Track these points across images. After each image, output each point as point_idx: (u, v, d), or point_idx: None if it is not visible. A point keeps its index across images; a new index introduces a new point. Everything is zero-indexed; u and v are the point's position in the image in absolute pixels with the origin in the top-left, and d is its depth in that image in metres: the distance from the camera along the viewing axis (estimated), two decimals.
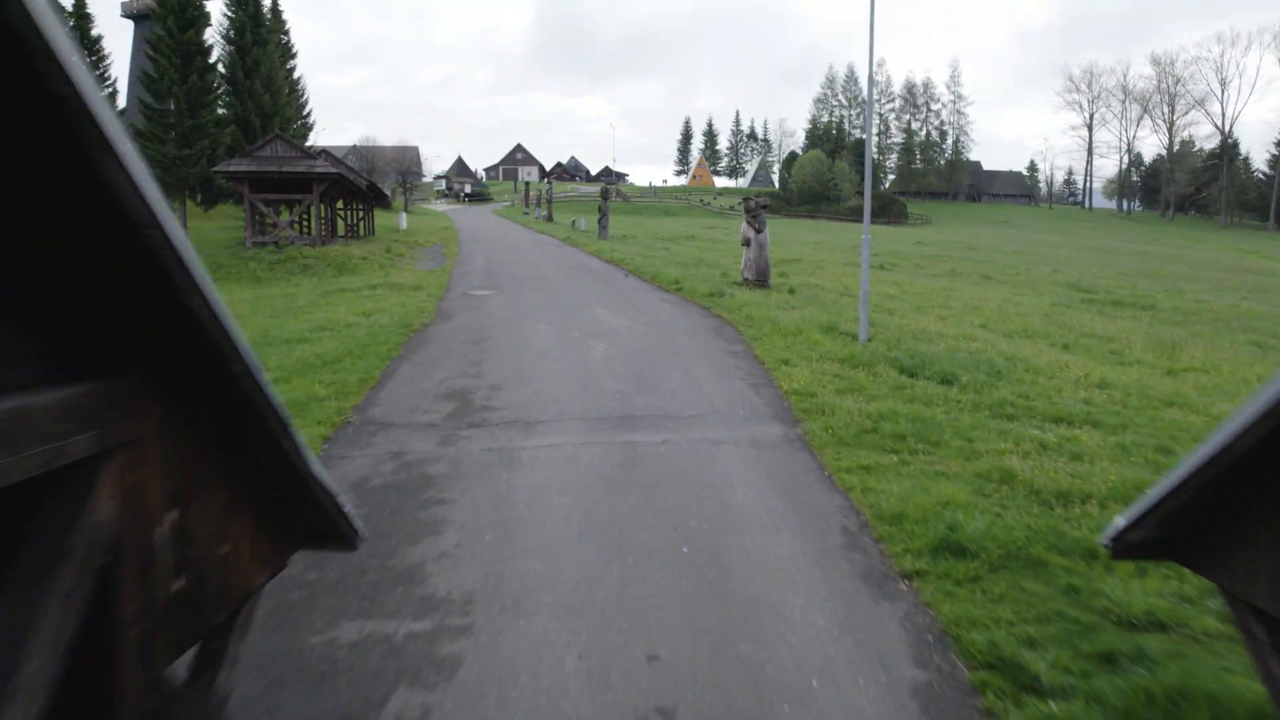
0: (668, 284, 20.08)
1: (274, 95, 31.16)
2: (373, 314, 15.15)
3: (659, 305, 16.92)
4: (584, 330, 13.77)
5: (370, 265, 22.00)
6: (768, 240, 20.58)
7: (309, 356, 11.37)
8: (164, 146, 27.88)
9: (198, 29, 28.47)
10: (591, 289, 19.40)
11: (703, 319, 15.20)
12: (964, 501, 6.38)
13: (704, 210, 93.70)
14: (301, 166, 23.52)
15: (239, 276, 21.30)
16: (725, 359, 11.79)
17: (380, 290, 18.20)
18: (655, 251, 31.55)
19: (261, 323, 15.00)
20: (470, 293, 18.58)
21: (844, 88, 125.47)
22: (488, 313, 15.61)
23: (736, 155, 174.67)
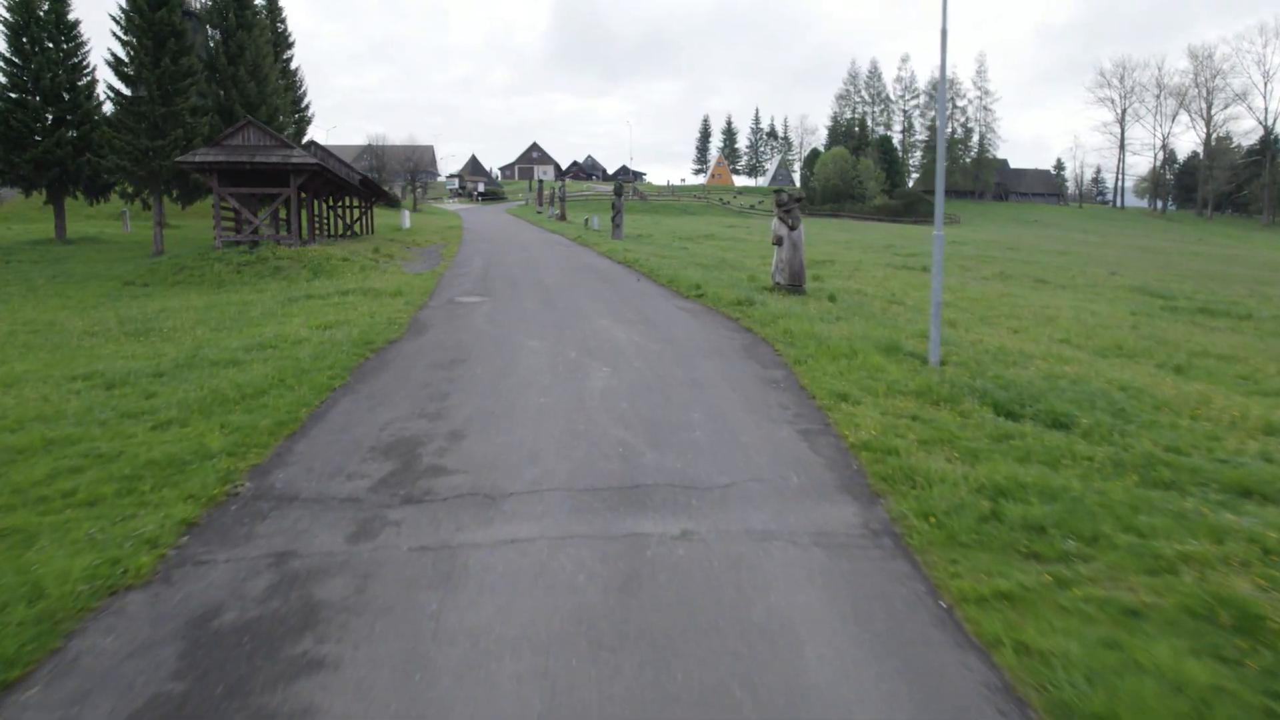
0: (687, 289, 17.43)
1: (260, 83, 28.74)
2: (332, 326, 12.59)
3: (677, 315, 14.27)
4: (584, 348, 11.14)
5: (350, 268, 19.54)
6: (803, 239, 17.87)
7: (227, 387, 8.80)
8: (135, 138, 25.48)
9: (170, 8, 26.07)
10: (598, 295, 16.78)
11: (730, 334, 12.53)
12: (1204, 683, 3.72)
13: (723, 209, 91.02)
14: (276, 156, 21.03)
15: (200, 280, 18.88)
16: (763, 391, 9.12)
17: (353, 297, 15.67)
18: (673, 252, 28.89)
19: (198, 338, 12.49)
20: (458, 299, 16.00)
21: (867, 84, 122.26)
22: (471, 325, 13.01)
23: (756, 153, 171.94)
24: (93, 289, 18.18)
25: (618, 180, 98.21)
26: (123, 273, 19.50)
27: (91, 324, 13.85)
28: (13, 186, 32.31)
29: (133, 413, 8.07)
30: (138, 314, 14.78)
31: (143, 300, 16.82)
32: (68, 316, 14.82)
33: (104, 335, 12.86)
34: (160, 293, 17.86)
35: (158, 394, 8.82)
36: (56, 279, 19.63)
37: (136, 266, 20.00)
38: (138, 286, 18.59)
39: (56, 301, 16.72)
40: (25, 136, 31.51)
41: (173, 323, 13.75)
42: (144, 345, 12.10)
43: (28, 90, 31.47)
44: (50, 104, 31.74)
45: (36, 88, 31.63)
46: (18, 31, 31.47)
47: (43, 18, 32.03)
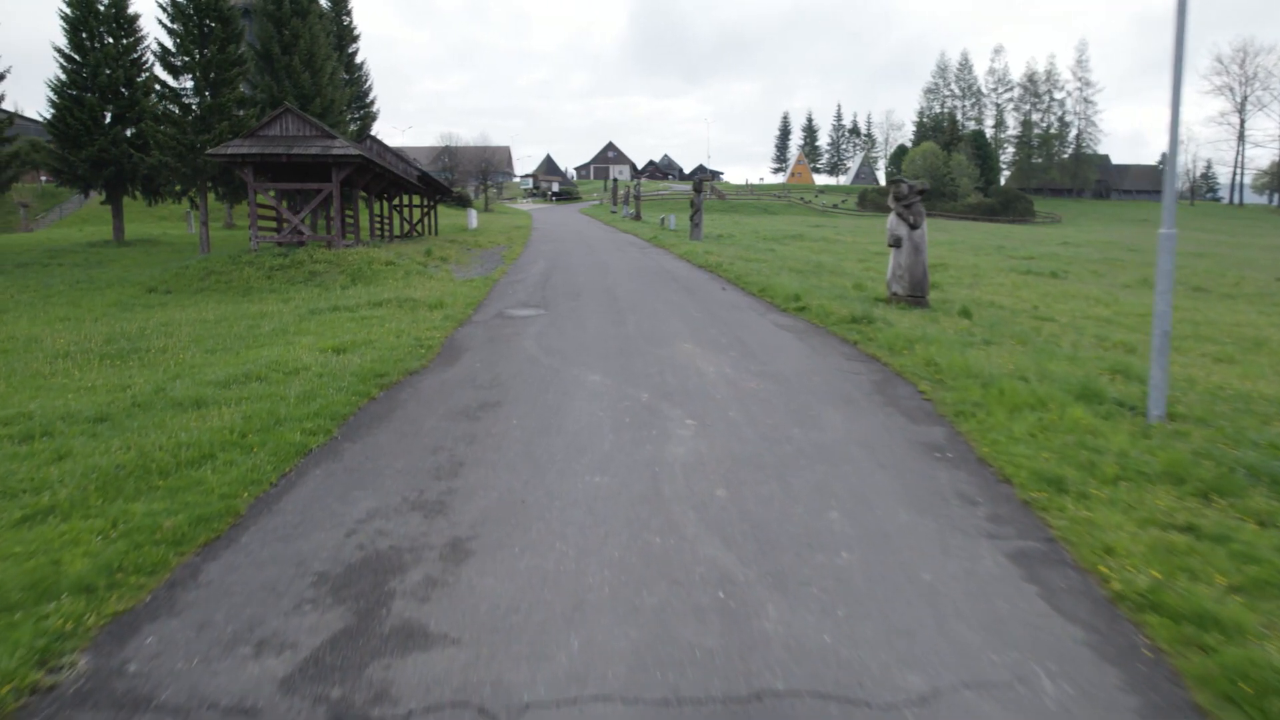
0: (784, 301, 14.46)
1: (315, 74, 26.86)
2: (346, 350, 10.07)
3: (777, 337, 11.31)
4: (660, 387, 8.33)
5: (393, 273, 17.19)
6: (925, 241, 14.67)
7: (164, 447, 6.31)
8: (180, 132, 23.78)
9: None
10: (677, 308, 13.93)
11: (852, 365, 9.53)
12: None
13: (806, 208, 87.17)
14: (316, 147, 18.78)
15: (226, 287, 16.78)
16: (925, 466, 6.15)
17: (385, 310, 13.19)
18: (759, 254, 25.83)
19: (181, 363, 10.14)
20: (508, 313, 13.36)
21: (957, 76, 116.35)
22: (516, 349, 10.32)
23: (838, 151, 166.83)
24: (109, 296, 16.30)
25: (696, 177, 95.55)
26: (149, 278, 17.64)
27: (75, 341, 11.69)
28: (70, 186, 31.37)
29: (14, 489, 5.62)
30: (135, 328, 12.60)
31: (154, 310, 14.78)
32: (58, 331, 12.74)
33: (79, 357, 10.62)
34: (179, 301, 15.84)
35: (72, 454, 6.37)
36: (79, 285, 17.90)
37: (165, 271, 18.12)
38: (160, 293, 16.64)
39: (61, 312, 14.82)
40: (82, 135, 30.43)
41: (165, 341, 11.48)
42: (115, 373, 9.78)
43: (85, 87, 30.40)
44: (108, 101, 30.62)
45: (94, 84, 30.53)
46: (76, 26, 30.43)
47: (102, 11, 30.93)
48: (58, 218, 48.16)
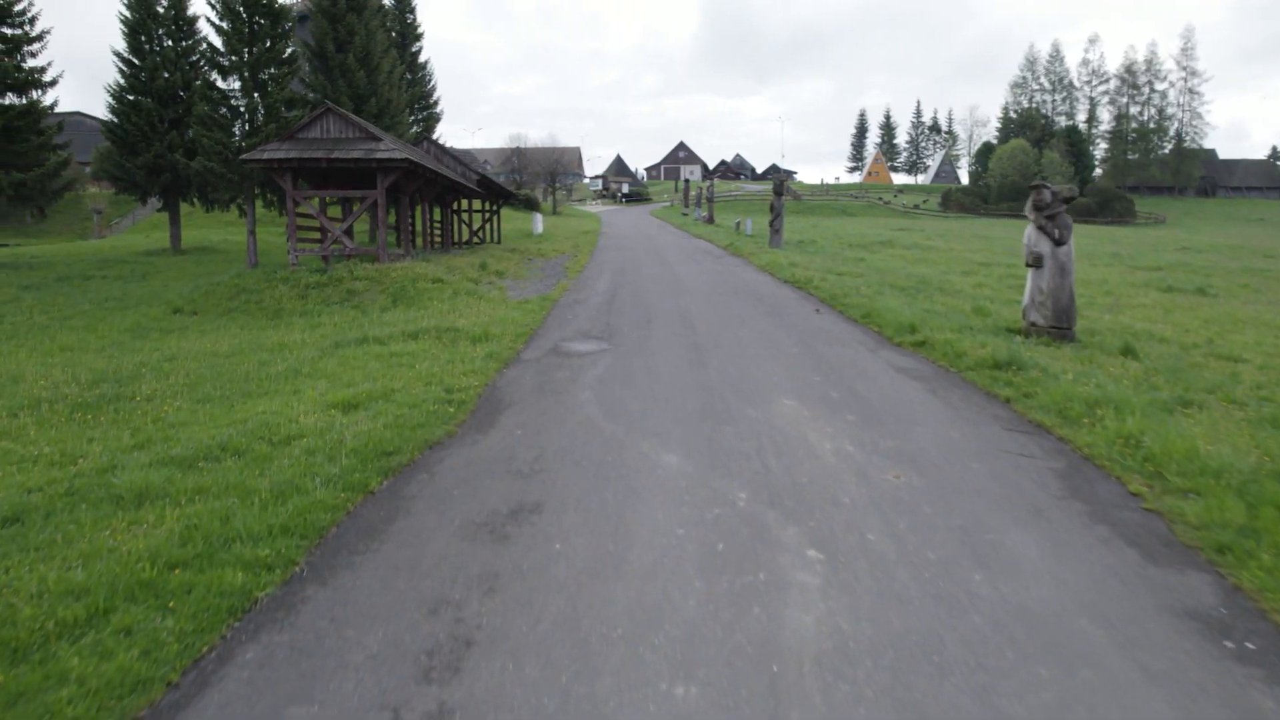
0: (896, 331, 11.98)
1: (371, 72, 25.27)
2: (357, 406, 8.06)
3: (901, 388, 8.87)
4: (761, 481, 6.07)
5: (440, 293, 15.24)
6: (1073, 259, 11.97)
7: (49, 593, 4.36)
8: (226, 135, 22.41)
9: None
10: (768, 340, 11.58)
11: (1019, 442, 7.06)
12: None
13: (885, 209, 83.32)
14: (359, 150, 16.98)
15: (255, 308, 15.07)
16: (1233, 688, 3.67)
17: (421, 343, 11.16)
18: (849, 265, 23.21)
19: (164, 418, 8.30)
20: (565, 346, 11.21)
21: (1047, 69, 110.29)
22: (570, 406, 8.13)
23: (916, 149, 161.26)
24: (129, 319, 14.79)
25: (775, 177, 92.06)
26: (178, 296, 16.13)
27: (59, 382, 9.99)
28: (128, 194, 30.62)
29: None
30: (134, 365, 10.89)
31: (169, 338, 13.16)
32: (50, 366, 11.11)
33: (51, 407, 8.89)
34: (200, 325, 14.20)
35: None
36: (106, 304, 16.51)
37: (196, 289, 16.60)
38: (185, 314, 15.08)
39: (69, 338, 13.32)
40: (139, 141, 29.56)
41: (157, 384, 9.68)
42: (77, 433, 7.97)
43: (143, 91, 29.52)
44: (165, 105, 29.69)
45: (151, 88, 29.62)
46: (135, 30, 29.59)
47: (161, 13, 30.04)
48: (131, 224, 48.21)
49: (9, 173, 23.30)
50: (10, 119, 23.01)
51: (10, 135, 23.36)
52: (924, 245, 33.56)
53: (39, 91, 24.02)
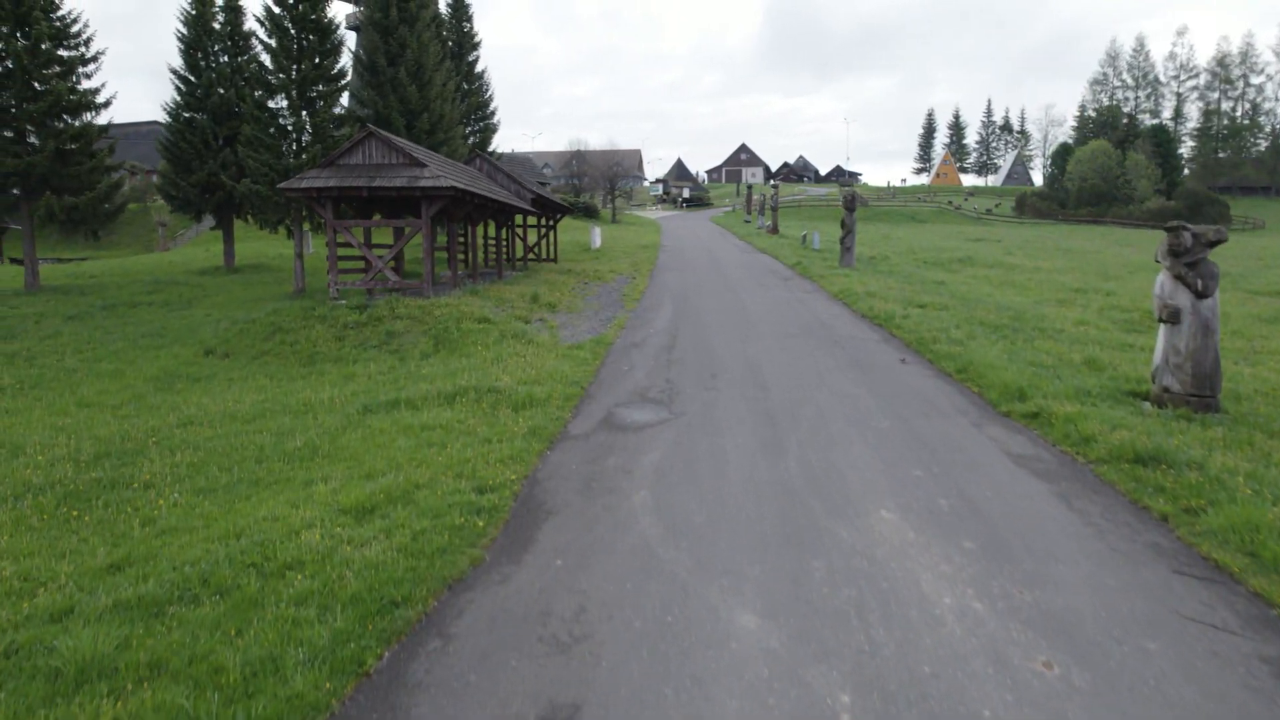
0: (1001, 395, 10.36)
1: (423, 87, 24.30)
2: (374, 512, 6.91)
3: (1026, 498, 7.28)
4: (868, 663, 4.66)
5: (485, 336, 14.02)
6: (1218, 315, 10.15)
7: None
8: (274, 157, 21.66)
9: (315, 1, 22.00)
10: (852, 408, 10.04)
11: (1207, 607, 5.43)
12: None
13: (956, 215, 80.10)
14: (401, 178, 15.85)
15: (290, 351, 14.07)
16: None
17: (458, 409, 9.92)
18: (929, 291, 21.39)
19: (155, 519, 7.22)
20: (619, 415, 9.86)
21: (1130, 64, 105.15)
22: (623, 523, 6.78)
23: (987, 149, 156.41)
24: (159, 363, 13.94)
25: (840, 183, 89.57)
26: (213, 335, 15.27)
27: (59, 458, 9.04)
28: (181, 212, 30.38)
29: None
30: (145, 431, 9.92)
31: (193, 389, 12.23)
32: (59, 430, 10.20)
33: (34, 498, 7.90)
34: (229, 372, 13.27)
35: None
36: (143, 339, 15.73)
37: (232, 326, 15.75)
38: (217, 357, 14.20)
39: (91, 389, 12.50)
40: (193, 159, 29.24)
41: (162, 463, 8.65)
42: (49, 540, 6.95)
43: (198, 109, 29.20)
44: (219, 123, 29.31)
45: (206, 105, 29.27)
46: (191, 47, 29.28)
47: (217, 30, 29.70)
48: (194, 235, 48.63)
49: (62, 197, 23.06)
50: (64, 142, 22.74)
51: (64, 158, 23.09)
52: (1007, 264, 31.29)
53: (92, 114, 23.74)
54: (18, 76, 22.20)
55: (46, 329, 17.41)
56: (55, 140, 22.56)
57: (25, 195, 23.13)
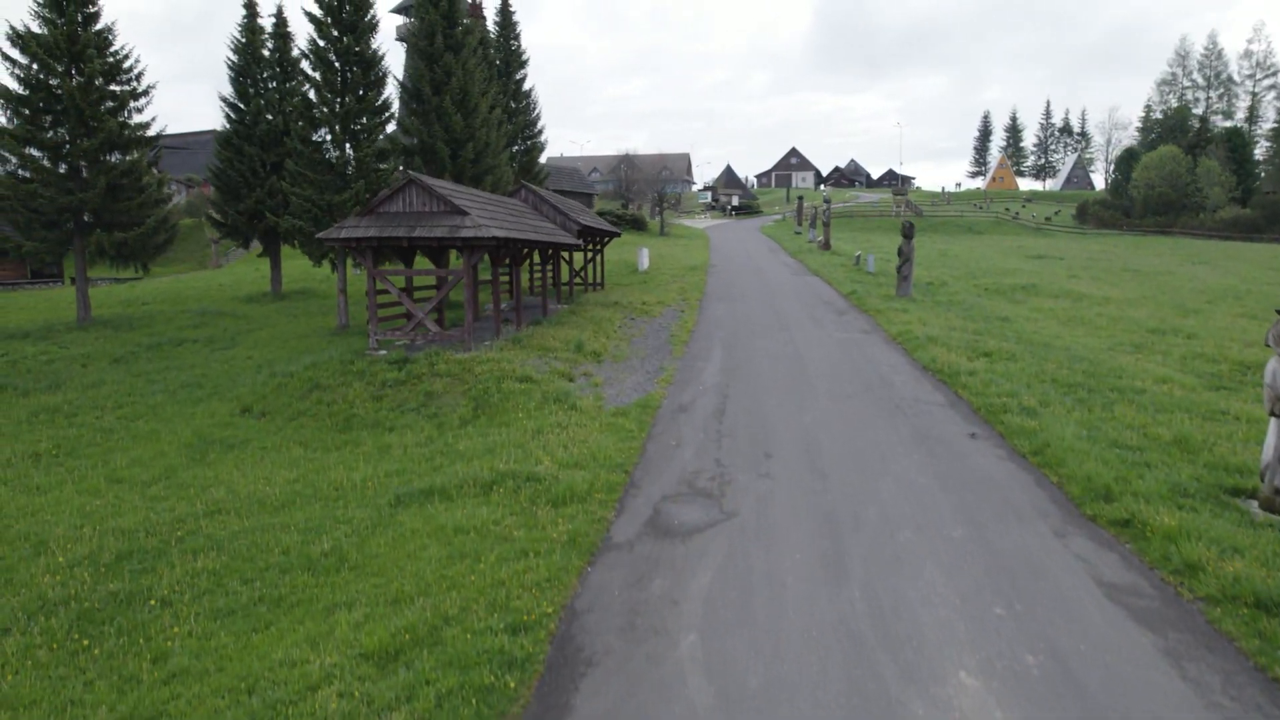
0: (1084, 493, 9.44)
1: (468, 115, 23.86)
2: (398, 657, 6.40)
3: (1127, 656, 6.42)
4: None
5: (527, 398, 13.40)
6: None
7: None
8: (318, 192, 21.39)
9: (360, 33, 21.65)
10: (920, 514, 9.20)
11: None
12: None
13: (1014, 225, 77.61)
14: (441, 228, 15.33)
15: (328, 412, 13.58)
16: None
17: (495, 503, 9.32)
18: (994, 332, 20.29)
19: (164, 662, 6.72)
20: (665, 514, 9.16)
21: (1202, 63, 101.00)
22: (669, 684, 6.08)
23: (1045, 152, 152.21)
24: (197, 420, 13.61)
25: (899, 194, 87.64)
26: (249, 390, 14.95)
27: (77, 559, 8.59)
28: (229, 239, 30.53)
29: None
30: (171, 519, 9.50)
31: (227, 457, 11.84)
32: (84, 520, 9.84)
33: (44, 620, 7.47)
34: (264, 437, 12.88)
35: None
36: (179, 394, 15.41)
37: (270, 379, 15.42)
38: (253, 416, 13.85)
39: (124, 459, 12.18)
40: (241, 187, 29.34)
41: (183, 569, 8.20)
42: (48, 688, 6.45)
43: (246, 137, 29.29)
44: (267, 149, 29.36)
45: (254, 133, 29.34)
46: (241, 74, 29.37)
47: (266, 57, 29.75)
48: (244, 252, 49.20)
49: (112, 233, 23.18)
50: (115, 177, 22.85)
51: (115, 194, 23.22)
52: (1072, 292, 29.73)
53: (142, 149, 23.83)
54: (71, 113, 22.35)
55: (91, 375, 17.35)
56: (106, 176, 22.67)
57: (78, 230, 23.30)
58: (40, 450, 12.78)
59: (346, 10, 21.58)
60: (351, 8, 21.56)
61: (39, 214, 22.22)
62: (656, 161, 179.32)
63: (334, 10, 21.41)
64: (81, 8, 22.77)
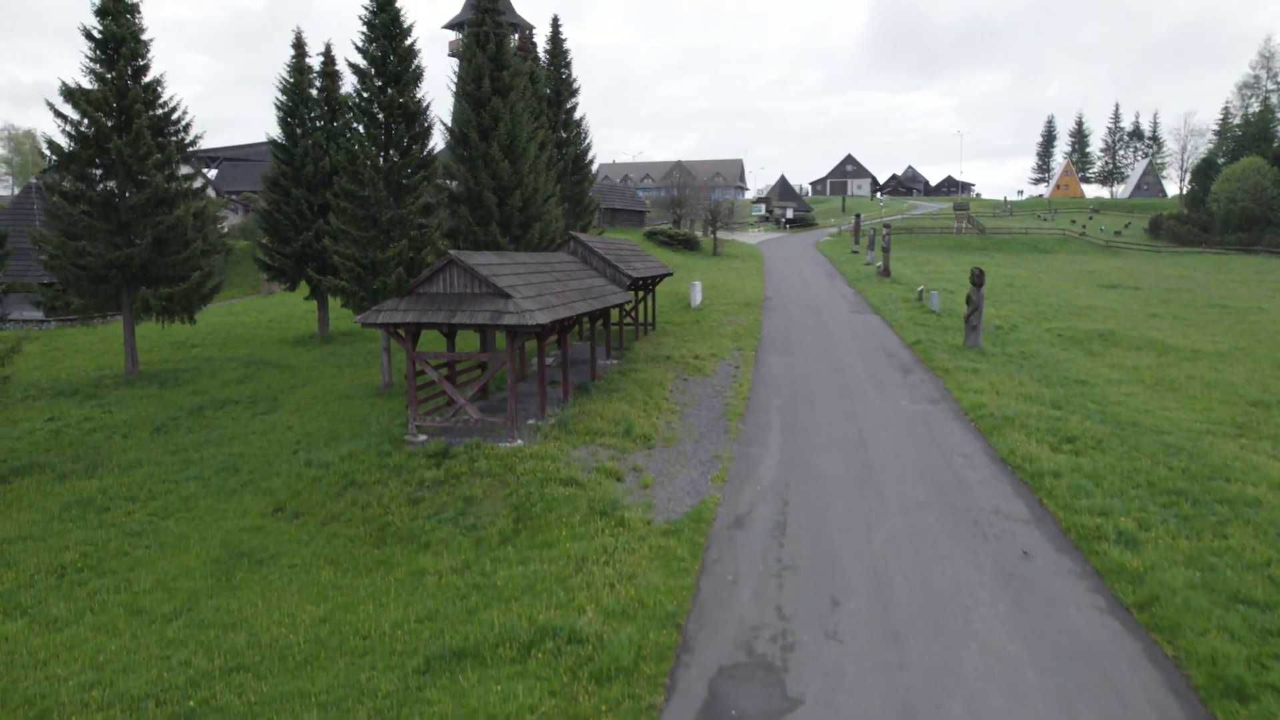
0: (1213, 684, 8.18)
1: (515, 161, 23.02)
2: None
3: None
4: None
5: (571, 511, 12.35)
6: None
7: None
8: (360, 250, 20.74)
9: (404, 84, 20.90)
10: (1018, 704, 8.01)
11: None
12: None
13: (1082, 243, 74.38)
14: (484, 314, 14.36)
15: (360, 519, 12.63)
16: None
17: (530, 674, 8.37)
18: (1074, 404, 18.78)
19: None
20: (720, 701, 8.11)
21: None
22: None
23: (1114, 157, 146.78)
24: (230, 521, 12.87)
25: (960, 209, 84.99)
26: (283, 485, 14.30)
27: None
28: (276, 280, 30.31)
29: None
30: (185, 679, 8.78)
31: (255, 578, 11.10)
32: (97, 674, 9.14)
33: None
34: (295, 549, 12.10)
35: None
36: (215, 479, 14.76)
37: (305, 471, 14.76)
38: (285, 518, 13.16)
39: (148, 577, 11.53)
40: (288, 229, 29.08)
41: None
42: None
43: (294, 179, 29.00)
44: (314, 191, 29.04)
45: (301, 175, 29.03)
46: (288, 115, 29.10)
47: (314, 97, 29.42)
48: None
49: (157, 289, 22.96)
50: (162, 231, 22.60)
51: (161, 247, 22.98)
52: (1156, 343, 27.61)
53: (189, 201, 23.56)
54: (119, 169, 22.15)
55: (130, 452, 16.96)
56: (154, 230, 22.43)
57: (125, 284, 23.12)
58: (66, 561, 12.27)
59: (390, 60, 20.95)
60: (395, 58, 20.91)
61: (86, 270, 22.08)
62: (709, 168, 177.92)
63: (378, 61, 20.78)
64: (131, 61, 22.56)
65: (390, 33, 21.36)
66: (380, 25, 21.24)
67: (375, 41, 21.42)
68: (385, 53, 21.39)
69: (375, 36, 21.40)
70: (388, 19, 21.21)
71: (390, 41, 21.43)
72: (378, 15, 21.30)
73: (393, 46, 21.48)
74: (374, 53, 21.21)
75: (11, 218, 40.22)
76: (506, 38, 24.42)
